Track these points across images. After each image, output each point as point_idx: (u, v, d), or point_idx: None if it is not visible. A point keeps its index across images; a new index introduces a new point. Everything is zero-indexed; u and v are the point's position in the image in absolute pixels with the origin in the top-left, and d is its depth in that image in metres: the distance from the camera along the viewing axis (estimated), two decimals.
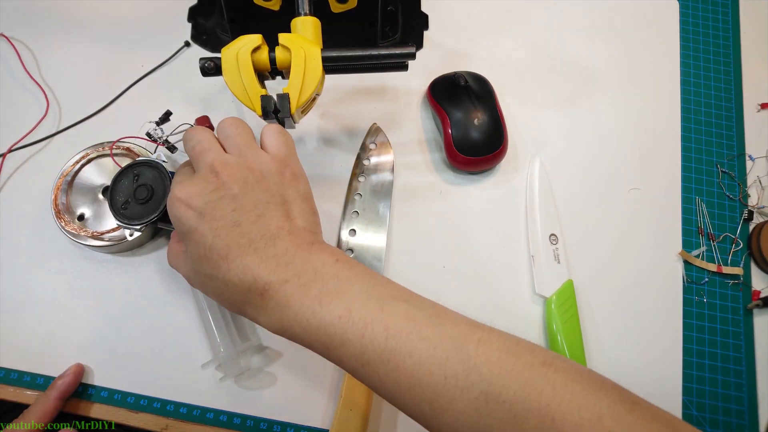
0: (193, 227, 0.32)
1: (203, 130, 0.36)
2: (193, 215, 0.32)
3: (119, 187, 0.42)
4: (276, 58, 0.40)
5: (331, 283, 0.31)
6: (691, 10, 0.60)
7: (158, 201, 0.41)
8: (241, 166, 0.33)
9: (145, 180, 0.42)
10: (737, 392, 0.46)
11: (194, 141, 0.35)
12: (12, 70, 0.55)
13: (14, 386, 0.45)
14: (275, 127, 0.37)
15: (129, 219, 0.41)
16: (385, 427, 0.44)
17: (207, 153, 0.34)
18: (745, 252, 0.51)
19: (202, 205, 0.32)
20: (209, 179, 0.32)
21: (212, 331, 0.45)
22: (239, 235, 0.31)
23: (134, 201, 0.41)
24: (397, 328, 0.29)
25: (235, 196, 0.32)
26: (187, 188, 0.33)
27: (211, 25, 0.50)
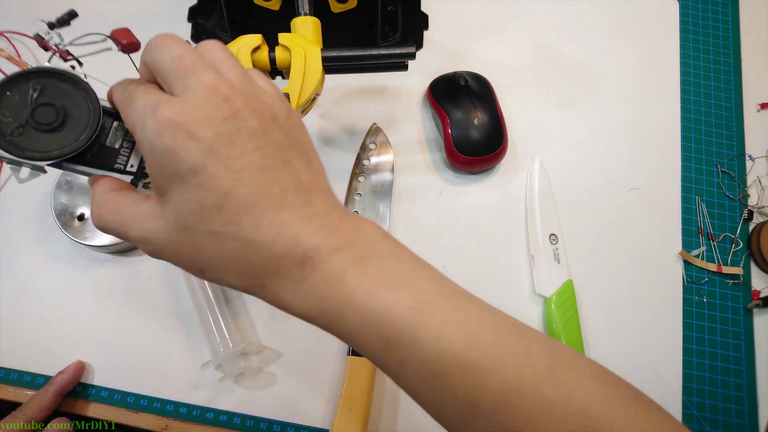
0: (198, 165, 0.22)
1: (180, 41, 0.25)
2: (197, 149, 0.22)
3: (5, 102, 0.26)
4: (276, 58, 0.40)
5: (391, 264, 0.24)
6: (691, 11, 0.60)
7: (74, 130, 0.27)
8: (248, 94, 0.24)
9: (51, 98, 0.27)
10: (737, 392, 0.46)
11: (173, 52, 0.24)
12: (12, 70, 0.55)
13: (14, 386, 0.45)
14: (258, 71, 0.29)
15: (24, 149, 0.26)
16: (385, 427, 0.44)
17: (201, 71, 0.24)
18: (745, 252, 0.51)
19: (212, 137, 0.22)
20: (217, 103, 0.23)
21: (212, 331, 0.45)
22: (269, 182, 0.23)
23: (32, 126, 0.26)
24: (479, 334, 0.23)
25: (255, 131, 0.23)
26: (184, 108, 0.22)
27: (211, 25, 0.50)
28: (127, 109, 0.25)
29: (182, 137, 0.22)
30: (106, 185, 0.27)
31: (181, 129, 0.22)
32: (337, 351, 0.46)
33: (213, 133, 0.22)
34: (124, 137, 0.29)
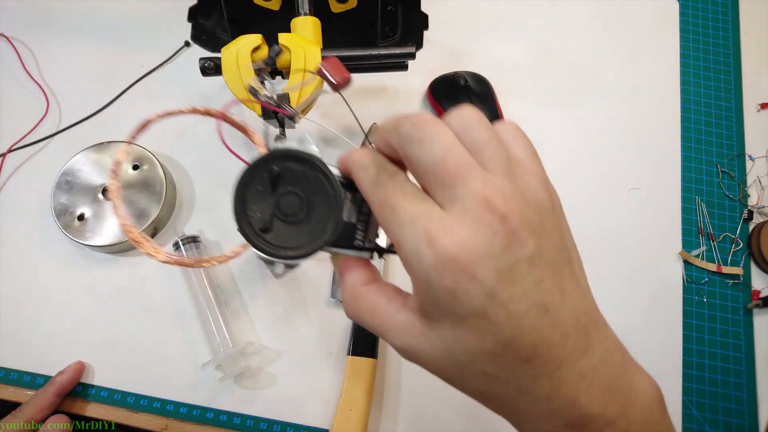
0: (479, 310, 0.20)
1: (439, 126, 0.22)
2: (478, 292, 0.20)
3: (251, 196, 0.25)
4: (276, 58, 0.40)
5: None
6: (690, 10, 0.60)
7: (319, 220, 0.25)
8: (520, 200, 0.21)
9: (291, 184, 0.25)
10: (737, 392, 0.46)
11: (438, 148, 0.21)
12: (12, 70, 0.55)
13: (14, 386, 0.45)
14: (517, 126, 0.24)
15: (278, 247, 0.25)
16: (385, 427, 0.44)
17: (470, 175, 0.21)
18: (744, 252, 0.51)
19: (493, 277, 0.20)
20: (494, 227, 0.20)
21: (212, 331, 0.45)
22: (551, 327, 0.21)
23: (280, 219, 0.25)
24: None
25: (532, 256, 0.20)
26: (463, 240, 0.20)
27: (211, 25, 0.50)
28: (388, 216, 0.22)
29: (463, 279, 0.20)
30: (357, 277, 0.25)
31: (462, 270, 0.20)
32: (337, 351, 0.46)
33: (494, 272, 0.20)
34: (359, 210, 0.26)
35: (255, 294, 0.48)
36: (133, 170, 0.49)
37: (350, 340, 0.45)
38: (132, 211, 0.48)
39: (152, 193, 0.48)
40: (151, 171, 0.49)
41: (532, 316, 0.20)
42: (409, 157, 0.22)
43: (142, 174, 0.49)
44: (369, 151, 0.24)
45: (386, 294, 0.25)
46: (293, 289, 0.48)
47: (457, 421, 0.45)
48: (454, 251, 0.20)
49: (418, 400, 0.45)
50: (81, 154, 0.49)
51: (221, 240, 0.49)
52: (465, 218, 0.20)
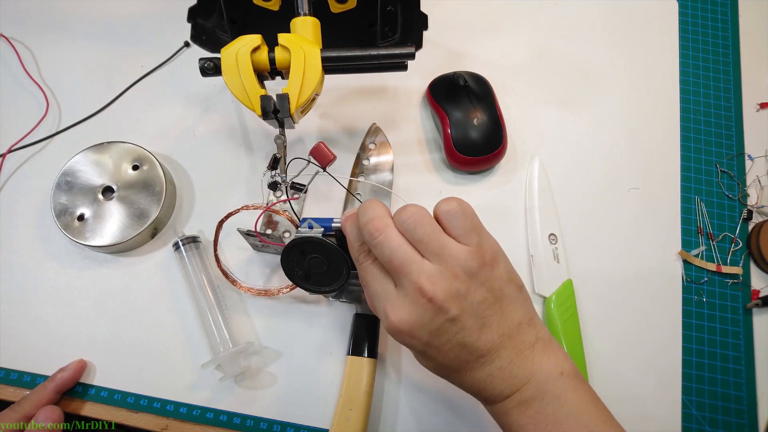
0: (420, 351, 0.33)
1: (389, 231, 0.33)
2: (418, 344, 0.32)
3: (292, 263, 0.40)
4: (276, 59, 0.41)
5: (549, 408, 0.32)
6: (690, 10, 0.60)
7: (337, 268, 0.39)
8: (447, 277, 0.31)
9: (314, 251, 0.39)
10: (737, 392, 0.46)
11: (386, 252, 0.32)
12: (12, 70, 0.55)
13: (14, 386, 0.45)
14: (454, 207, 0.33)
15: (317, 287, 0.41)
16: (385, 427, 0.44)
17: (409, 269, 0.31)
18: (744, 251, 0.51)
19: (426, 337, 0.31)
20: (425, 307, 0.31)
21: (212, 331, 0.45)
22: (467, 353, 0.32)
23: (313, 271, 0.40)
24: None
25: (455, 318, 0.31)
26: (403, 318, 0.31)
27: (211, 26, 0.50)
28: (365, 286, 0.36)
29: (408, 338, 0.32)
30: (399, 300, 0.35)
31: (405, 334, 0.32)
32: (337, 351, 0.46)
33: (426, 333, 0.31)
34: None
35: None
36: (133, 170, 0.49)
37: (350, 340, 0.45)
38: (132, 211, 0.48)
39: (152, 193, 0.48)
40: (151, 171, 0.49)
41: (455, 351, 0.32)
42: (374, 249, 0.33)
43: (142, 174, 0.49)
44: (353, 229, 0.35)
45: None
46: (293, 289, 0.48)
47: (457, 421, 0.45)
48: (399, 325, 0.32)
49: (418, 400, 0.45)
50: (81, 154, 0.49)
51: (221, 240, 0.49)
52: (406, 300, 0.32)
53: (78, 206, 0.48)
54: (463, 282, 0.31)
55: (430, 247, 0.32)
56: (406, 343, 0.33)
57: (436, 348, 0.32)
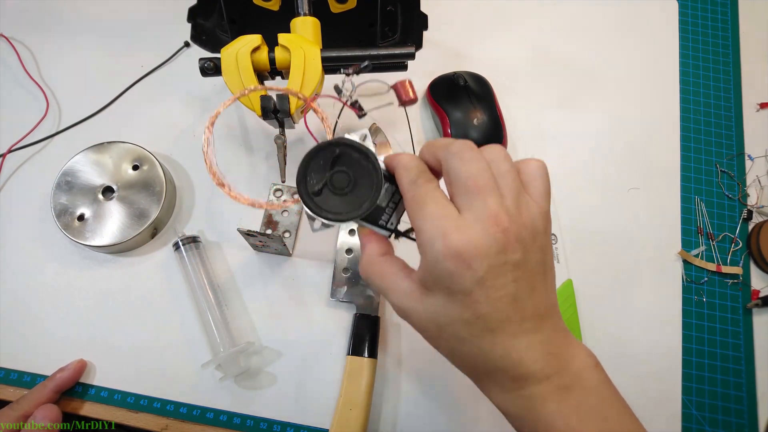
0: (467, 290, 0.28)
1: (480, 154, 0.30)
2: (471, 277, 0.27)
3: (313, 167, 0.32)
4: (276, 59, 0.41)
5: (592, 399, 0.29)
6: (690, 10, 0.60)
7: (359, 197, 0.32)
8: (519, 220, 0.28)
9: (346, 164, 0.32)
10: (737, 392, 0.46)
11: (474, 168, 0.29)
12: (12, 70, 0.55)
13: (14, 386, 0.45)
14: (541, 165, 0.31)
15: (321, 209, 0.32)
16: (385, 427, 0.44)
17: (489, 194, 0.28)
18: (744, 251, 0.51)
19: (485, 269, 0.27)
20: (495, 235, 0.27)
21: (212, 331, 0.45)
22: (514, 311, 0.28)
23: (330, 189, 0.32)
24: None
25: (517, 263, 0.28)
26: (470, 239, 0.27)
27: (211, 26, 0.50)
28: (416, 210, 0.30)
29: (462, 267, 0.27)
30: (375, 248, 0.33)
31: (463, 260, 0.27)
32: (337, 351, 0.46)
33: (486, 267, 0.27)
34: (390, 198, 0.33)
35: (255, 294, 0.48)
36: (133, 170, 0.49)
37: (350, 340, 0.45)
38: (132, 211, 0.48)
39: (152, 194, 0.48)
40: (151, 171, 0.49)
41: (504, 302, 0.28)
42: (450, 169, 0.29)
43: (142, 174, 0.49)
44: (414, 157, 0.32)
45: (396, 265, 0.32)
46: (293, 289, 0.48)
47: (457, 421, 0.45)
48: (461, 246, 0.27)
49: (418, 400, 0.45)
50: (81, 154, 0.49)
51: (221, 240, 0.49)
52: (475, 224, 0.28)
53: (78, 206, 0.48)
54: (529, 236, 0.28)
55: (510, 189, 0.29)
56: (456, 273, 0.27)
57: (488, 289, 0.27)
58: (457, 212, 0.29)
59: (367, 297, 0.47)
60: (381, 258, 0.33)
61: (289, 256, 0.49)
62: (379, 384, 0.45)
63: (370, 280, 0.33)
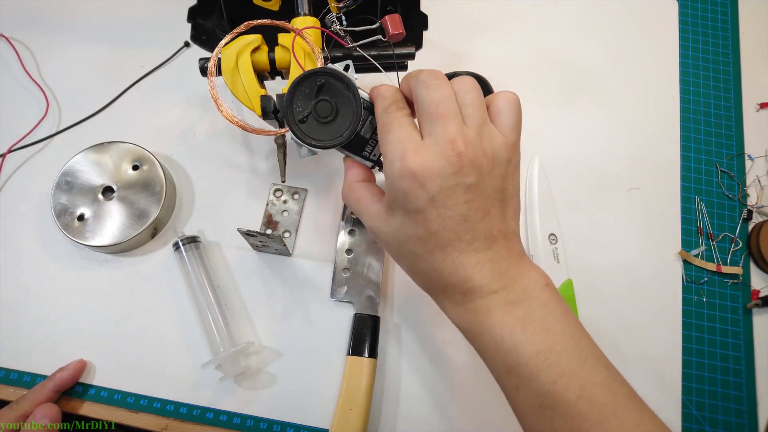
0: (419, 208, 0.30)
1: (446, 82, 0.32)
2: (423, 196, 0.30)
3: (298, 96, 0.34)
4: (276, 58, 0.41)
5: (538, 312, 0.30)
6: (690, 10, 0.60)
7: (341, 125, 0.34)
8: (479, 147, 0.30)
9: (329, 94, 0.34)
10: (737, 392, 0.46)
11: (438, 95, 0.31)
12: (12, 71, 0.55)
13: (14, 386, 0.45)
14: (512, 98, 0.33)
15: (307, 136, 0.34)
16: (385, 427, 0.44)
17: (450, 120, 0.30)
18: (744, 251, 0.51)
19: (436, 189, 0.29)
20: (450, 158, 0.29)
21: (212, 331, 0.45)
22: (464, 231, 0.30)
23: (314, 117, 0.34)
24: (593, 393, 0.28)
25: (470, 186, 0.30)
26: (425, 160, 0.29)
27: (211, 26, 0.50)
28: (383, 135, 0.32)
29: (416, 186, 0.30)
30: (355, 174, 0.36)
31: (416, 179, 0.29)
32: (337, 351, 0.46)
33: (438, 187, 0.29)
34: (373, 131, 0.35)
35: (255, 294, 0.48)
36: (133, 170, 0.49)
37: (350, 340, 0.45)
38: (132, 211, 0.48)
39: (152, 194, 0.48)
40: (151, 171, 0.49)
41: (454, 221, 0.30)
42: (417, 96, 0.32)
43: (142, 174, 0.49)
44: (391, 87, 0.34)
45: (370, 191, 0.35)
46: (293, 289, 0.48)
47: (456, 421, 0.45)
48: (415, 166, 0.29)
49: (418, 400, 0.45)
50: (81, 154, 0.49)
51: (221, 240, 0.49)
52: (432, 147, 0.30)
53: (78, 206, 0.48)
54: (488, 163, 0.30)
55: (474, 117, 0.31)
56: (410, 193, 0.30)
57: (439, 208, 0.30)
58: (420, 138, 0.31)
59: (367, 297, 0.47)
60: (358, 184, 0.35)
61: (289, 256, 0.49)
62: (379, 384, 0.45)
63: (348, 203, 0.36)
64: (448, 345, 0.47)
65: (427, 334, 0.47)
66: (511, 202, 0.32)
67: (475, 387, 0.46)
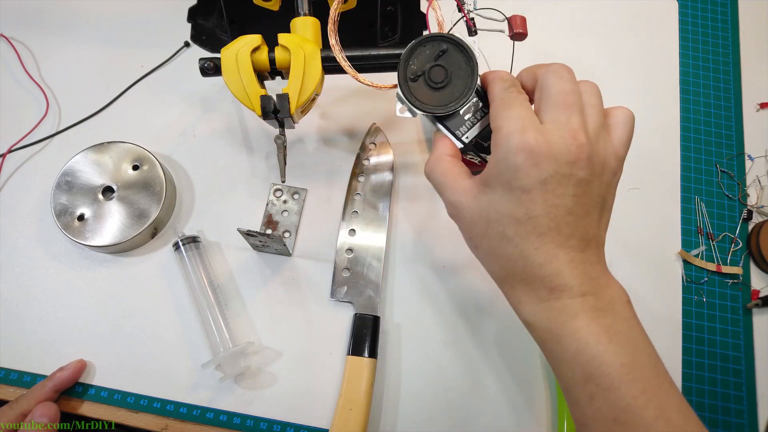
0: (527, 187, 0.29)
1: (573, 78, 0.32)
2: (535, 176, 0.29)
3: (417, 54, 0.34)
4: (276, 59, 0.41)
5: (622, 325, 0.30)
6: (690, 10, 0.60)
7: (449, 95, 0.34)
8: (595, 147, 0.30)
9: (447, 62, 0.34)
10: (737, 392, 0.46)
11: (568, 87, 0.31)
12: (12, 71, 0.55)
13: (14, 386, 0.45)
14: (629, 115, 0.34)
15: (412, 96, 0.35)
16: (385, 427, 0.44)
17: (577, 112, 0.30)
18: (744, 251, 0.51)
19: (551, 172, 0.28)
20: (570, 146, 0.29)
21: (212, 331, 0.45)
22: (566, 225, 0.29)
23: (425, 79, 0.34)
24: (670, 415, 0.28)
25: (581, 181, 0.29)
26: (546, 140, 0.29)
27: (211, 26, 0.50)
28: (501, 110, 0.31)
29: (530, 163, 0.28)
30: (446, 148, 0.35)
31: (533, 156, 0.28)
32: (337, 351, 0.46)
33: (552, 171, 0.28)
34: (474, 112, 0.35)
35: (255, 294, 0.48)
36: (133, 170, 0.49)
37: (350, 340, 0.45)
38: (132, 211, 0.48)
39: (152, 194, 0.48)
40: (151, 171, 0.49)
41: (559, 210, 0.29)
42: (545, 84, 0.31)
43: (142, 174, 0.49)
44: (510, 74, 0.34)
45: (460, 166, 0.34)
46: (293, 289, 0.48)
47: (456, 421, 0.45)
48: (535, 143, 0.28)
49: (418, 400, 0.45)
50: (81, 154, 0.49)
51: (221, 240, 0.49)
52: (555, 131, 0.29)
53: (78, 206, 0.48)
54: (599, 166, 0.30)
55: (595, 118, 0.31)
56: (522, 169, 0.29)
57: (547, 193, 0.28)
58: (540, 122, 0.30)
59: (367, 297, 0.47)
60: (448, 157, 0.34)
61: (289, 256, 0.49)
62: (379, 384, 0.45)
63: (432, 175, 0.35)
64: (448, 345, 0.47)
65: (427, 334, 0.47)
66: (606, 213, 0.32)
67: (474, 387, 0.46)
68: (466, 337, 0.47)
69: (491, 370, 0.46)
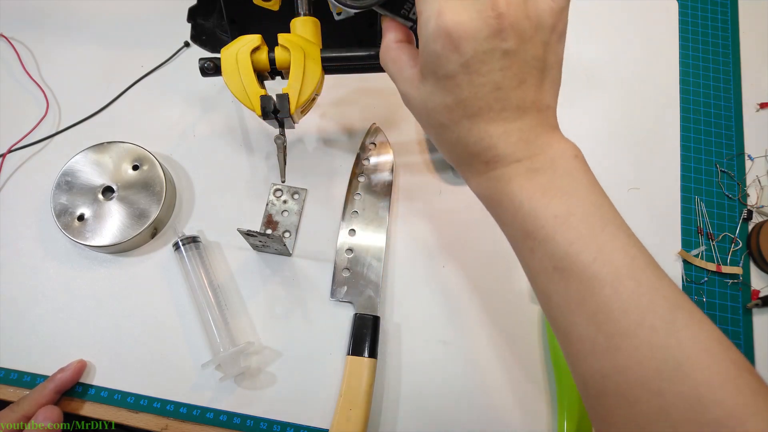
0: (451, 74, 0.28)
1: None
2: (456, 60, 0.28)
3: None
4: (275, 59, 0.41)
5: (562, 180, 0.29)
6: (690, 10, 0.60)
7: None
8: (521, 10, 0.27)
9: None
10: None
11: None
12: (12, 70, 0.55)
13: (14, 386, 0.45)
14: None
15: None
16: (385, 427, 0.44)
17: None
18: (744, 251, 0.51)
19: (470, 53, 0.27)
20: (488, 19, 0.27)
21: (212, 331, 0.45)
22: (495, 100, 0.28)
23: None
24: (611, 256, 0.28)
25: (507, 52, 0.27)
26: (461, 21, 0.27)
27: (211, 26, 0.50)
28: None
29: (450, 48, 0.27)
30: (394, 35, 0.34)
31: (451, 41, 0.27)
32: (337, 351, 0.46)
33: (472, 50, 0.27)
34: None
35: (255, 294, 0.48)
36: (133, 170, 0.49)
37: (350, 340, 0.45)
38: (132, 211, 0.48)
39: (152, 194, 0.48)
40: (151, 171, 0.49)
41: (486, 89, 0.28)
42: None
43: (142, 174, 0.49)
44: None
45: (409, 53, 0.33)
46: (293, 289, 0.48)
47: (456, 421, 0.45)
48: (451, 26, 0.27)
49: (418, 400, 0.45)
50: (81, 154, 0.49)
51: (221, 240, 0.49)
52: (471, 7, 0.27)
53: (78, 206, 0.48)
54: (530, 28, 0.28)
55: None
56: (442, 56, 0.28)
57: (471, 75, 0.28)
58: None
59: (367, 297, 0.47)
60: (396, 44, 0.34)
61: (289, 256, 0.49)
62: (379, 384, 0.45)
63: (384, 65, 0.34)
64: (448, 345, 0.47)
65: (427, 334, 0.47)
66: (549, 73, 0.31)
67: (474, 387, 0.46)
68: (466, 337, 0.47)
69: (491, 369, 0.46)
